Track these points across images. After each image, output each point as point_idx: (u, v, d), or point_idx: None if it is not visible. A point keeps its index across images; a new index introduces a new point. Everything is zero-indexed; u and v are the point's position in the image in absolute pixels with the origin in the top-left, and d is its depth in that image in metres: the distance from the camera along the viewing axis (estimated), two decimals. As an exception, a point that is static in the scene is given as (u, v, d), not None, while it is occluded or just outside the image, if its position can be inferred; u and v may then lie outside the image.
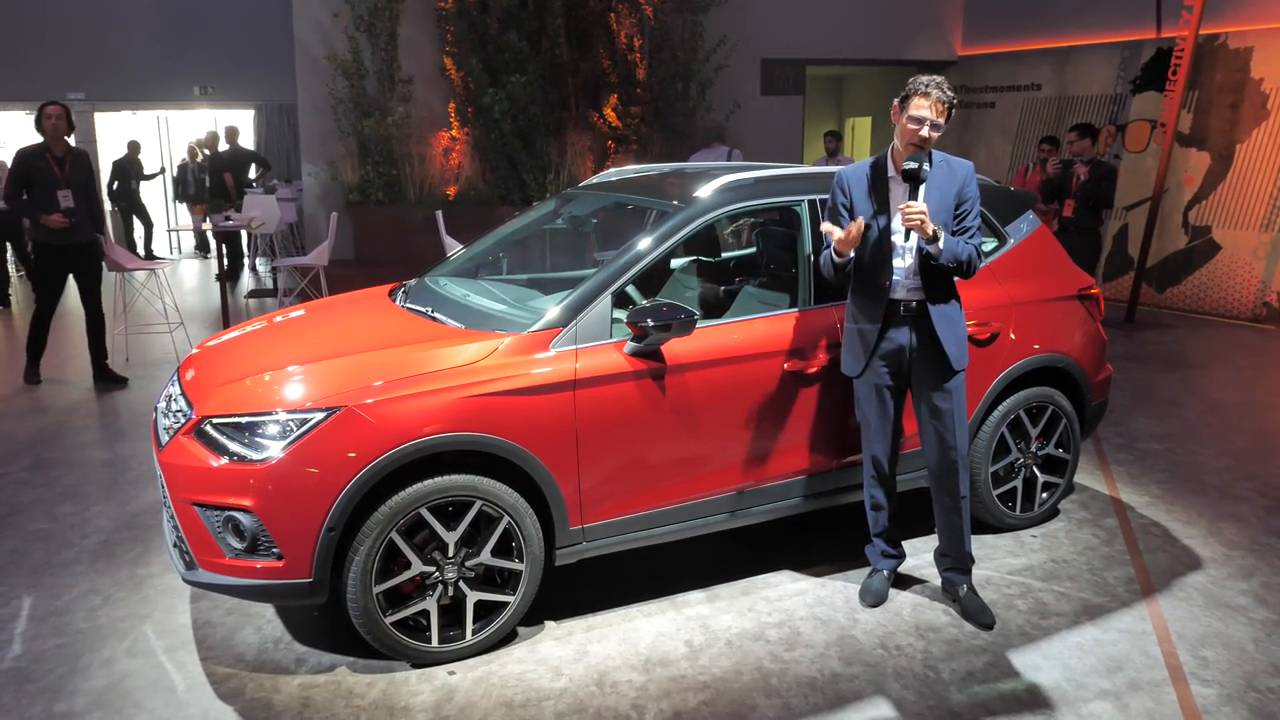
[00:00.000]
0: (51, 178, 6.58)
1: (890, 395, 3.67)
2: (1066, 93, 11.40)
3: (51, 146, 6.61)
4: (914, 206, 3.35)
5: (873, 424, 3.73)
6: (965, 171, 3.55)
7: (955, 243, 3.44)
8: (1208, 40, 9.82)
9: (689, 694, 3.22)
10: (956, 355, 3.56)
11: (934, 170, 3.50)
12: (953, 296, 3.60)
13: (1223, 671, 3.37)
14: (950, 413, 3.60)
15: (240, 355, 3.83)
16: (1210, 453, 5.67)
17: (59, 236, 6.62)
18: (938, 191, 3.49)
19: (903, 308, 3.56)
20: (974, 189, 3.55)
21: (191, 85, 14.52)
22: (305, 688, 3.25)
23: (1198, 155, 10.09)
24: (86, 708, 3.13)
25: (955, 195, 3.51)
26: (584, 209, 5.02)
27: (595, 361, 3.48)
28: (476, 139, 11.12)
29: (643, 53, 11.20)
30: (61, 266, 6.78)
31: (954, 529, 3.74)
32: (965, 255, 3.45)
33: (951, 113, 3.45)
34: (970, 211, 3.54)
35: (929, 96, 3.40)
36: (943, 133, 3.45)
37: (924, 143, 3.44)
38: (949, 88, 3.45)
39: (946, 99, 3.41)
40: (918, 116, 3.41)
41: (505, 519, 3.35)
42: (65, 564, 4.15)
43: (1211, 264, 10.09)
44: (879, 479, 3.80)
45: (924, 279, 3.52)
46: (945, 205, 3.49)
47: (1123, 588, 3.99)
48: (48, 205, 6.55)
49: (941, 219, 3.46)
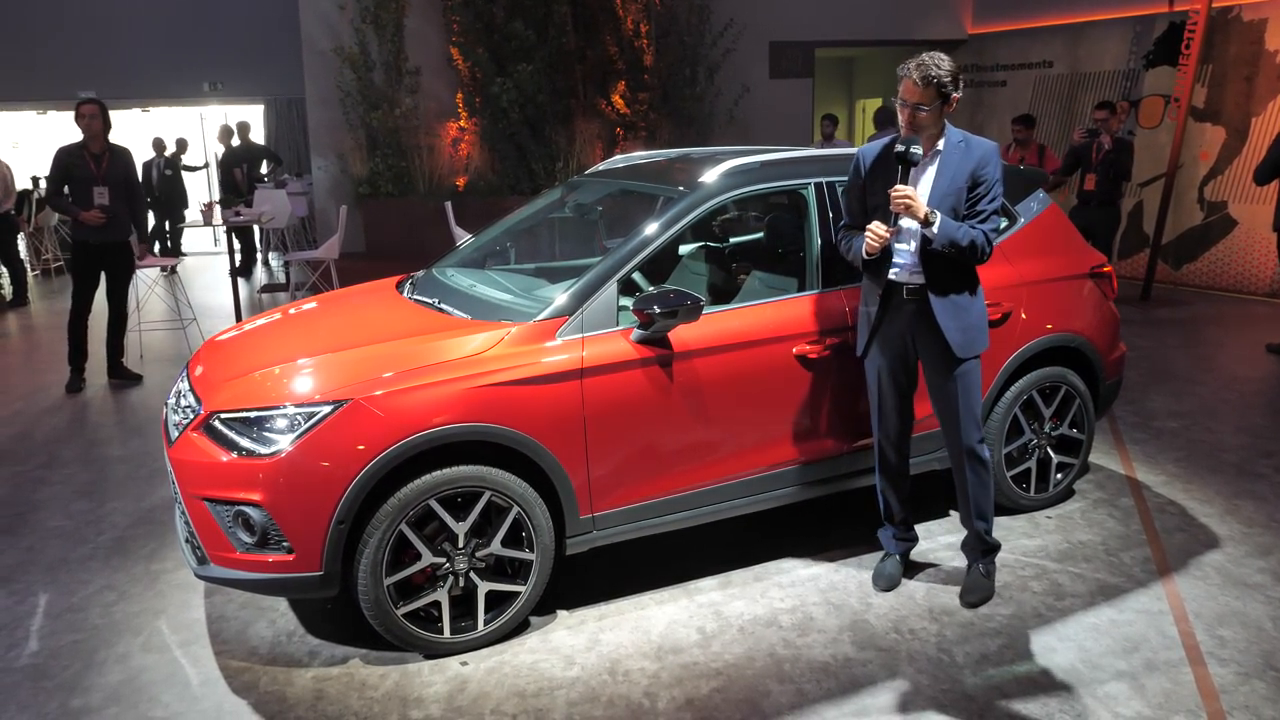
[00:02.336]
0: (89, 175, 6.62)
1: (895, 377, 3.64)
2: (1079, 69, 11.28)
3: (89, 144, 6.64)
4: (900, 190, 3.32)
5: (878, 405, 3.71)
6: (983, 152, 3.43)
7: (953, 227, 3.34)
8: (1221, 13, 9.68)
9: (701, 681, 3.22)
10: (960, 343, 3.48)
11: (948, 151, 3.43)
12: (962, 282, 3.50)
13: (1240, 650, 3.34)
14: (954, 399, 3.55)
15: (247, 350, 3.83)
16: (1227, 430, 5.62)
17: (96, 234, 6.66)
18: (949, 173, 3.42)
19: (905, 291, 3.52)
20: (993, 171, 3.42)
21: (201, 82, 14.55)
22: (319, 680, 3.26)
23: (1212, 130, 9.97)
24: (102, 703, 3.15)
25: (968, 177, 3.40)
26: (590, 196, 4.99)
27: (602, 349, 3.47)
28: (484, 129, 11.11)
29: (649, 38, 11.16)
30: (95, 264, 6.82)
31: (965, 508, 3.74)
32: (965, 240, 3.34)
33: (941, 90, 3.34)
34: (985, 195, 3.41)
35: (908, 78, 3.36)
36: (935, 110, 3.36)
37: (914, 125, 3.39)
38: (937, 63, 3.33)
39: (928, 78, 3.32)
40: (900, 100, 3.40)
41: (515, 509, 3.34)
42: (81, 560, 4.18)
43: (1228, 239, 9.97)
44: (888, 461, 3.78)
45: (924, 263, 3.46)
46: (955, 188, 3.41)
47: (1139, 568, 3.95)
48: (84, 202, 6.60)
49: (949, 202, 3.39)
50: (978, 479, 3.66)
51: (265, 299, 10.72)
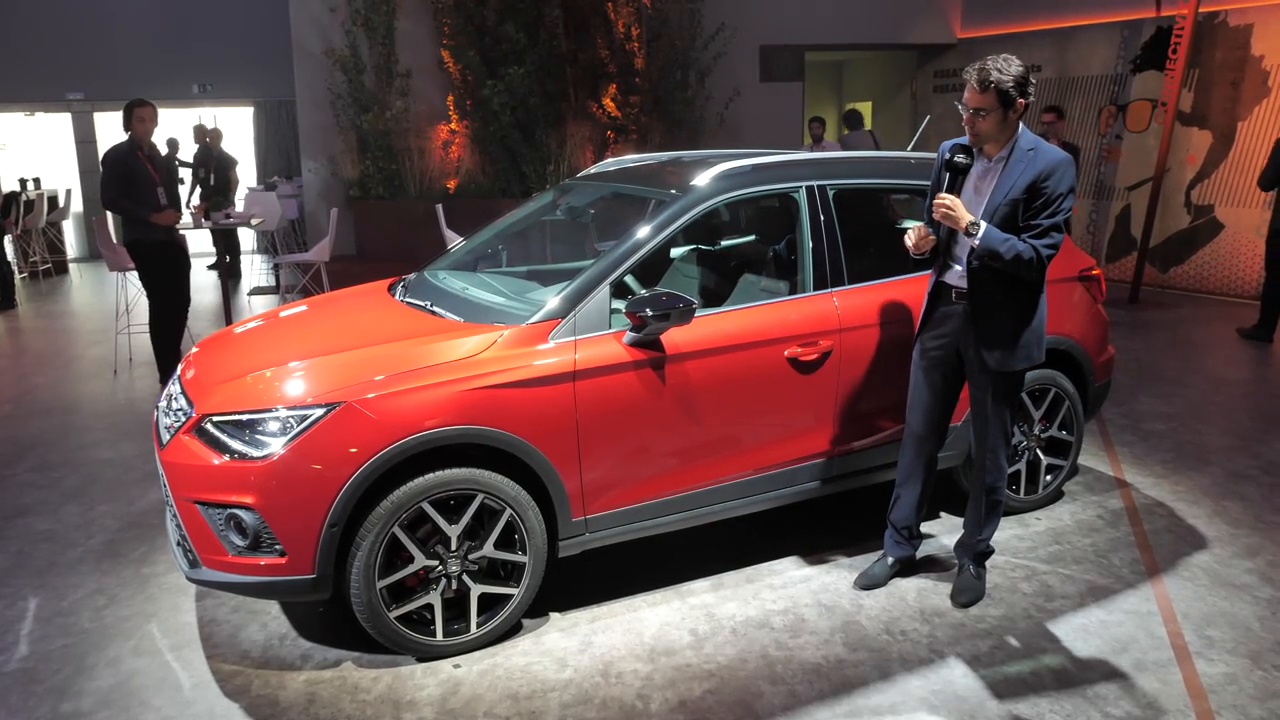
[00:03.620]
0: (148, 176, 6.57)
1: (931, 375, 3.65)
2: (1067, 73, 11.35)
3: (140, 145, 6.61)
4: (943, 199, 3.32)
5: (911, 398, 3.74)
6: (1049, 163, 3.28)
7: (999, 240, 3.26)
8: (1208, 18, 9.75)
9: (694, 683, 3.23)
10: (997, 358, 3.44)
11: (1015, 159, 3.34)
12: (1009, 296, 3.41)
13: (1228, 650, 3.37)
14: (982, 405, 3.57)
15: (239, 352, 3.83)
16: (1215, 432, 5.66)
17: (165, 233, 6.64)
18: (1009, 182, 3.33)
19: (954, 294, 3.54)
20: (1057, 184, 3.27)
21: (191, 83, 14.51)
22: (311, 683, 3.26)
23: (1199, 134, 10.04)
24: (93, 707, 3.14)
25: (1027, 188, 3.29)
26: (582, 199, 5.00)
27: (594, 352, 3.48)
28: (476, 131, 11.10)
29: (640, 42, 11.17)
30: (166, 262, 6.76)
31: (975, 514, 3.75)
32: (1009, 253, 3.25)
33: (1002, 95, 3.23)
34: (1045, 209, 3.28)
35: (969, 82, 3.31)
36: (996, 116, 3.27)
37: (974, 131, 3.34)
38: (999, 67, 3.24)
39: (985, 81, 3.24)
40: (961, 104, 3.36)
41: (507, 511, 3.35)
42: (71, 564, 4.17)
43: (1215, 243, 10.04)
44: (909, 453, 3.79)
45: (972, 272, 3.43)
46: (1010, 198, 3.31)
47: (1128, 569, 3.98)
48: (151, 204, 6.56)
49: (1003, 212, 3.31)
50: (994, 490, 3.68)
51: (255, 302, 10.69)
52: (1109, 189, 10.96)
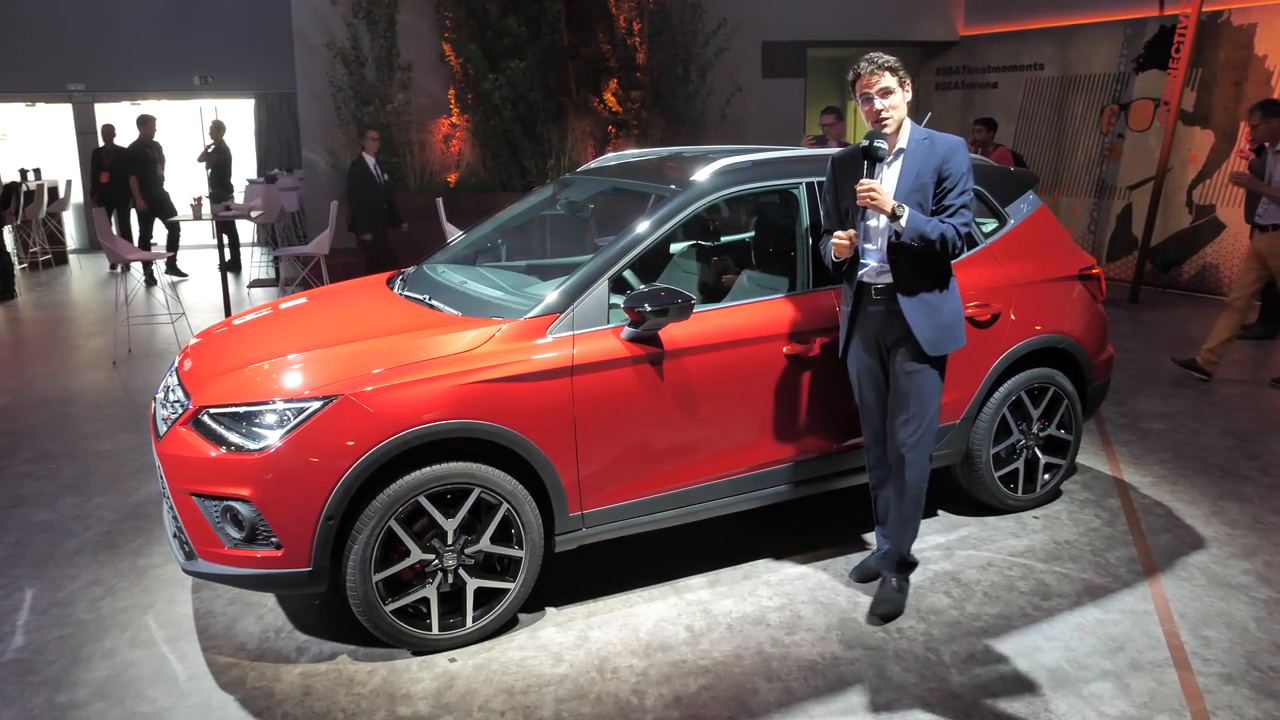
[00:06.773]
0: None
1: (874, 377, 3.63)
2: (1069, 72, 11.32)
3: None
4: (865, 183, 3.33)
5: (862, 405, 3.72)
6: (947, 147, 3.41)
7: (923, 221, 3.32)
8: (1211, 17, 9.72)
9: (690, 678, 3.22)
10: (930, 340, 3.43)
11: (912, 147, 3.43)
12: (933, 280, 3.46)
13: (1224, 651, 3.36)
14: (908, 398, 3.50)
15: (237, 345, 3.82)
16: (1213, 432, 5.65)
17: None
18: (914, 168, 3.41)
19: (873, 290, 3.51)
20: (958, 165, 3.39)
21: (191, 75, 14.48)
22: (306, 676, 3.26)
23: (1201, 133, 10.01)
24: (89, 698, 3.14)
25: (934, 172, 3.39)
26: (582, 194, 4.99)
27: (592, 347, 3.47)
28: (477, 125, 11.07)
29: (642, 36, 11.13)
30: None
31: (896, 518, 3.67)
32: (935, 234, 3.31)
33: (900, 77, 3.36)
34: (953, 189, 3.39)
35: (861, 74, 3.39)
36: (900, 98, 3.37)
37: (879, 119, 3.38)
38: (880, 54, 3.38)
39: (883, 64, 3.34)
40: (861, 96, 3.41)
41: (504, 506, 3.34)
42: (68, 555, 4.17)
43: (1216, 243, 10.02)
44: (875, 461, 3.78)
45: (891, 262, 3.44)
46: (921, 183, 3.39)
47: (1125, 568, 3.98)
48: None
49: (915, 198, 3.38)
50: (914, 488, 3.59)
51: (256, 294, 10.69)
52: (1110, 188, 10.94)
